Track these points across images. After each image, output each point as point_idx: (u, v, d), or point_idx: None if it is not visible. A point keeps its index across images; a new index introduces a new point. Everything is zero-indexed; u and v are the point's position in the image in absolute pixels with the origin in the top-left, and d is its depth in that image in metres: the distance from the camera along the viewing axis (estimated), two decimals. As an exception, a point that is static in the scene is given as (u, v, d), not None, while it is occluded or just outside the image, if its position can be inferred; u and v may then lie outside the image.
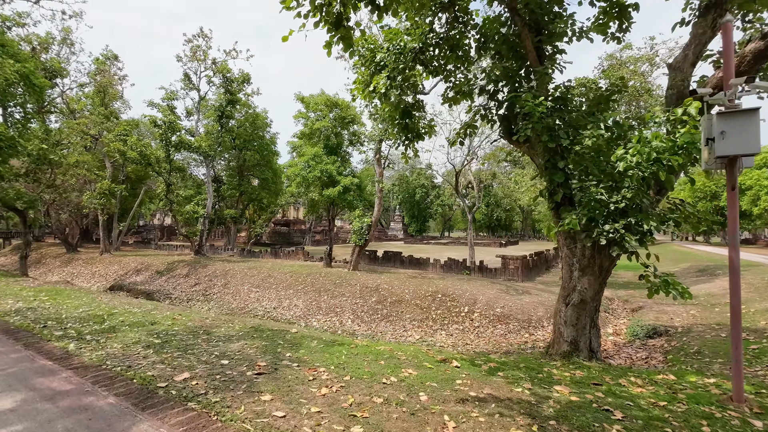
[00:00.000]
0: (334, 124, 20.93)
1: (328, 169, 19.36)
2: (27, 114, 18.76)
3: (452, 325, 12.81)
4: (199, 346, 5.72)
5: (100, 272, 27.53)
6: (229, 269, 22.02)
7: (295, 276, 19.00)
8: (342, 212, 22.39)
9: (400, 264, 23.28)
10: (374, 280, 16.90)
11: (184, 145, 25.59)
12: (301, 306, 16.10)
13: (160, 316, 7.88)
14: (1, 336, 5.93)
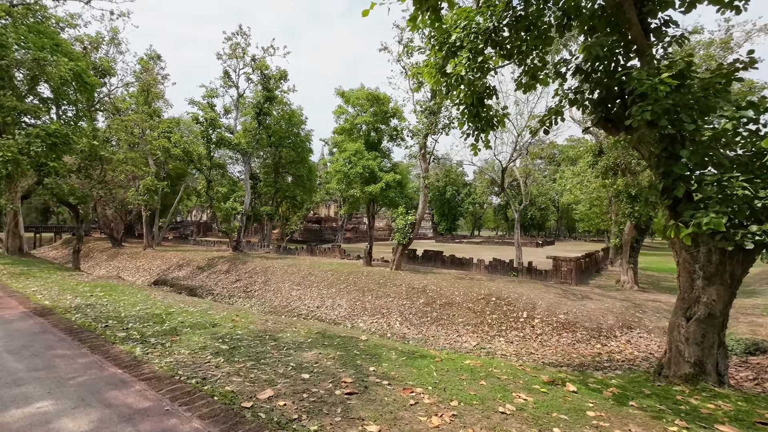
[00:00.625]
0: (375, 119, 20.32)
1: (369, 165, 18.78)
2: (79, 112, 19.22)
3: (511, 332, 11.90)
4: (270, 354, 5.19)
5: (143, 267, 28.25)
6: (269, 266, 21.91)
7: (336, 274, 18.57)
8: (381, 209, 21.78)
9: (441, 264, 22.45)
10: (420, 280, 16.19)
11: (224, 142, 25.74)
12: (345, 306, 15.61)
13: (219, 317, 7.48)
14: (65, 336, 5.63)
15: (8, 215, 18.92)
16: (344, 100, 22.24)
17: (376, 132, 21.15)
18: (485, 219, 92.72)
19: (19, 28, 16.99)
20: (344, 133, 21.37)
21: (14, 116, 15.66)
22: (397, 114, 20.75)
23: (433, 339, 12.18)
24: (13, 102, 15.30)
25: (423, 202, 17.85)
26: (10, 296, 8.70)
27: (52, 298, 8.57)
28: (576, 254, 23.97)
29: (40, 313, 7.06)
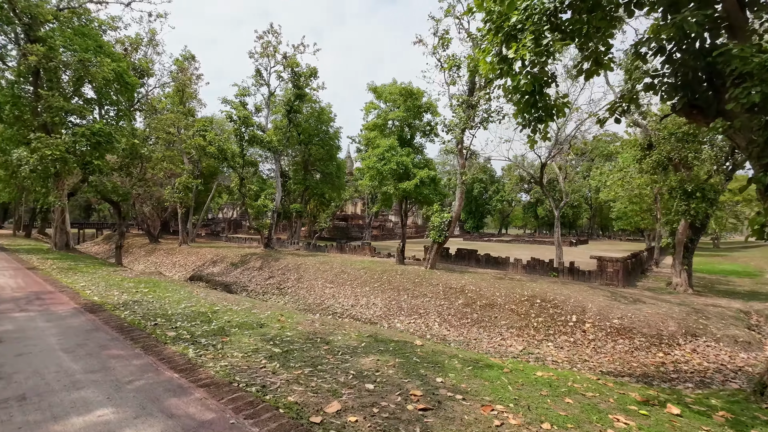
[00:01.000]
0: (408, 114, 19.85)
1: (403, 162, 18.35)
2: (120, 112, 19.75)
3: (559, 336, 11.22)
4: (325, 360, 4.88)
5: (180, 262, 29.00)
6: (301, 263, 21.91)
7: (369, 273, 18.29)
8: (414, 207, 21.33)
9: (476, 263, 21.78)
10: (457, 280, 15.65)
11: (256, 140, 25.95)
12: (380, 305, 15.29)
13: (264, 317, 7.28)
14: (117, 335, 5.52)
15: (56, 212, 19.70)
16: (376, 95, 21.90)
17: (409, 128, 20.70)
18: (513, 217, 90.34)
19: (66, 32, 17.57)
20: (376, 129, 21.02)
21: (61, 116, 16.19)
22: (431, 109, 20.21)
23: (475, 342, 11.66)
24: (60, 102, 15.81)
25: (459, 199, 17.27)
26: (61, 291, 8.84)
27: (101, 294, 8.64)
28: (615, 254, 22.74)
29: (91, 310, 7.06)
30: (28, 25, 16.45)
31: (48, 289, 9.02)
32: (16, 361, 4.43)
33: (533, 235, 73.98)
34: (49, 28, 17.25)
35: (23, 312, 6.77)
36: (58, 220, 19.82)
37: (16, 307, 7.17)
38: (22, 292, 8.68)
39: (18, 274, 11.46)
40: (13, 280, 10.23)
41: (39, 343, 5.10)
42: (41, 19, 16.76)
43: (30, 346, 4.98)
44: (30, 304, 7.47)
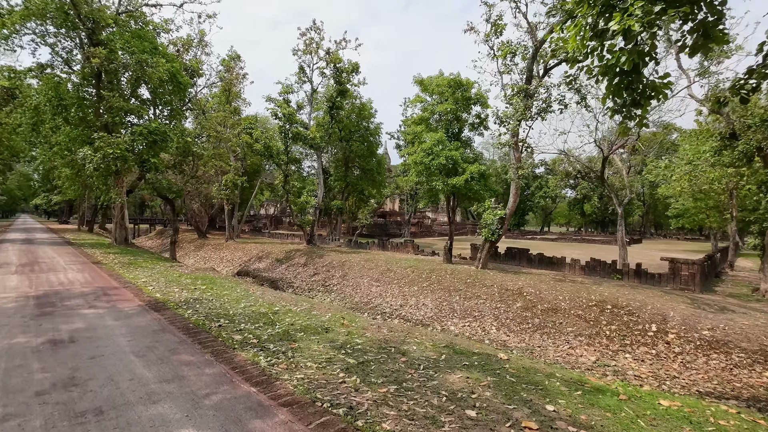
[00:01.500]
0: (457, 107, 18.99)
1: (452, 156, 17.56)
2: (173, 111, 20.32)
3: (638, 347, 10.10)
4: (408, 375, 4.34)
5: (227, 258, 29.83)
6: (345, 261, 21.70)
7: (416, 272, 17.70)
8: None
9: (527, 263, 20.59)
10: (513, 281, 14.72)
11: (300, 137, 26.03)
12: (431, 306, 14.67)
13: (326, 320, 6.89)
14: (184, 337, 5.28)
15: (116, 208, 20.66)
16: (422, 88, 21.19)
17: (457, 121, 19.83)
18: (555, 214, 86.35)
19: (124, 35, 18.24)
20: (422, 123, 20.32)
21: (121, 116, 16.80)
22: (480, 100, 19.24)
23: (540, 350, 10.77)
24: (120, 103, 16.37)
25: (514, 196, 16.24)
26: (125, 287, 8.95)
27: (162, 291, 8.64)
28: (676, 254, 20.74)
29: (155, 308, 6.98)
30: (91, 30, 17.19)
31: (113, 285, 9.16)
32: (90, 365, 4.24)
33: (579, 233, 70.14)
34: (109, 32, 17.94)
35: (92, 309, 6.77)
36: (118, 216, 20.78)
37: (85, 303, 7.22)
38: (90, 287, 8.86)
39: (85, 268, 11.90)
40: (81, 275, 10.56)
41: (110, 344, 4.94)
42: (102, 23, 17.47)
43: (102, 347, 4.82)
44: (98, 300, 7.52)
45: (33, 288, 8.54)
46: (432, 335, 6.68)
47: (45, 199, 63.73)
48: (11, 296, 7.65)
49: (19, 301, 7.29)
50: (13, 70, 18.05)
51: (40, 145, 22.57)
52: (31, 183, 66.41)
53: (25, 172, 62.06)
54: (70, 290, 8.42)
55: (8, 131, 28.52)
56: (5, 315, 6.22)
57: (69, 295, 7.87)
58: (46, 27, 17.77)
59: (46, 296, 7.75)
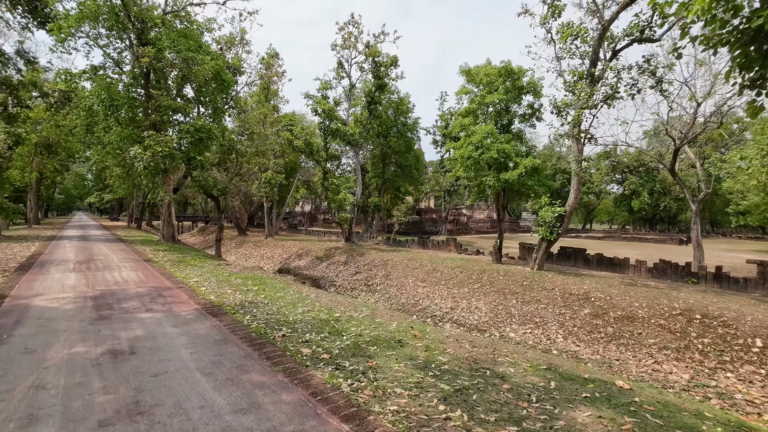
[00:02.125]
0: (508, 96, 17.78)
1: (505, 149, 16.42)
2: (217, 109, 20.38)
3: (741, 365, 8.73)
4: (523, 410, 3.54)
5: (267, 255, 30.05)
6: (387, 259, 21.06)
7: (465, 272, 16.76)
8: (514, 199, 19.25)
9: (584, 264, 19.08)
10: (576, 285, 13.48)
11: (339, 133, 25.62)
12: (485, 310, 13.71)
13: (394, 329, 6.19)
14: (250, 350, 4.73)
15: (164, 206, 21.04)
16: (468, 78, 20.11)
17: (507, 112, 18.61)
18: (598, 211, 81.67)
19: (171, 34, 18.39)
20: (469, 116, 19.25)
21: (169, 115, 16.90)
22: (534, 89, 17.91)
23: (618, 363, 9.60)
24: (168, 101, 16.45)
25: (576, 191, 14.90)
26: (178, 287, 8.67)
27: (215, 292, 8.28)
28: (743, 254, 18.45)
29: (212, 312, 6.55)
30: (140, 30, 17.42)
31: (166, 285, 8.93)
32: (154, 385, 3.74)
33: (626, 230, 66.00)
34: (157, 31, 18.13)
35: (149, 312, 6.43)
36: (165, 214, 21.17)
37: (141, 305, 6.92)
38: (144, 287, 8.65)
39: (137, 266, 11.89)
40: (135, 273, 10.48)
41: (172, 358, 4.46)
42: (150, 23, 17.65)
43: (164, 361, 4.34)
44: (153, 302, 7.22)
45: (90, 287, 8.42)
46: (524, 353, 5.80)
47: (98, 197, 67.63)
48: (70, 296, 7.50)
49: (77, 302, 7.10)
50: (69, 72, 18.66)
51: (94, 146, 23.46)
52: (85, 182, 70.66)
53: (80, 172, 66.04)
54: (125, 290, 8.22)
55: (65, 133, 30.08)
56: (65, 318, 5.97)
57: (125, 296, 7.63)
58: (98, 29, 18.21)
59: (103, 297, 7.55)
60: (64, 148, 34.02)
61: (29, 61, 22.47)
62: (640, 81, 13.09)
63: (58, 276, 9.74)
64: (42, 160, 32.64)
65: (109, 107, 17.79)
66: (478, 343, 5.89)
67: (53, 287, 8.33)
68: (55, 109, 24.64)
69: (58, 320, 5.83)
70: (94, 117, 19.00)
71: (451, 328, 13.37)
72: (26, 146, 28.41)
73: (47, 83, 25.81)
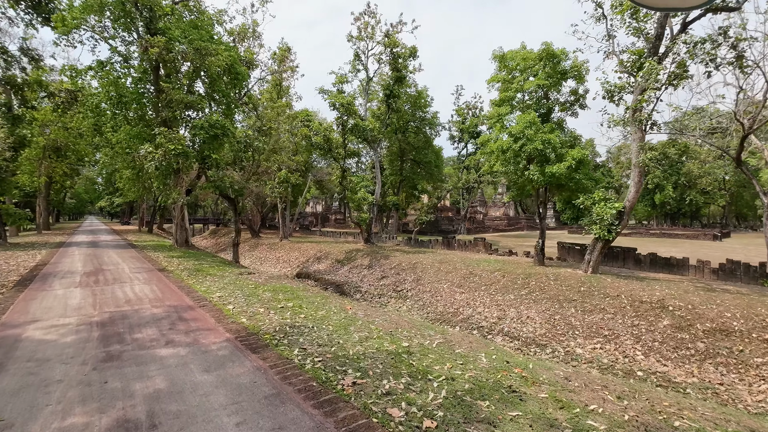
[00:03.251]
0: (549, 82, 16.13)
1: (550, 140, 14.80)
2: (230, 104, 19.04)
3: None
4: None
5: (283, 258, 28.71)
6: (416, 262, 19.55)
7: (507, 276, 15.19)
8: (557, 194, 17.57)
9: (635, 264, 17.39)
10: (646, 291, 11.83)
11: (358, 129, 24.17)
12: (538, 320, 12.13)
13: (488, 365, 4.69)
14: (321, 419, 3.27)
15: (176, 209, 19.77)
16: (501, 65, 18.45)
17: (546, 99, 16.98)
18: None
19: (181, 24, 17.07)
20: (504, 104, 17.63)
21: (181, 110, 15.59)
22: (577, 74, 16.25)
23: (724, 389, 7.99)
24: (180, 95, 15.14)
25: (637, 185, 13.21)
26: (201, 306, 7.27)
27: (245, 312, 6.86)
28: None
29: (249, 343, 5.11)
30: (149, 19, 16.14)
31: (187, 303, 7.53)
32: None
33: (649, 226, 63.47)
34: (166, 20, 16.82)
35: (170, 347, 5.01)
36: (178, 218, 19.91)
37: (159, 335, 5.51)
38: (161, 306, 7.26)
39: (152, 278, 10.55)
40: (149, 288, 9.12)
41: (209, 430, 3.01)
42: (159, 12, 16.34)
43: (201, 442, 2.89)
44: (174, 328, 5.81)
45: (97, 309, 7.06)
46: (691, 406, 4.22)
47: (108, 201, 67.14)
48: (72, 323, 6.13)
49: (81, 331, 5.71)
50: (75, 68, 17.44)
51: (102, 148, 22.28)
52: (95, 186, 70.26)
53: (91, 176, 65.58)
54: (139, 312, 6.83)
55: (74, 135, 29.04)
56: (63, 359, 4.57)
57: (139, 321, 6.24)
58: (104, 21, 16.96)
59: (112, 322, 6.17)
60: (74, 151, 33.06)
61: (33, 59, 21.37)
62: (717, 56, 11.40)
63: (61, 293, 8.41)
64: (51, 163, 31.70)
65: (117, 104, 16.55)
66: (621, 391, 4.34)
67: (54, 309, 6.99)
68: (62, 110, 23.54)
69: (53, 363, 4.43)
70: (101, 116, 17.77)
71: (504, 342, 11.85)
72: (34, 149, 27.43)
73: (53, 83, 24.75)
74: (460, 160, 42.18)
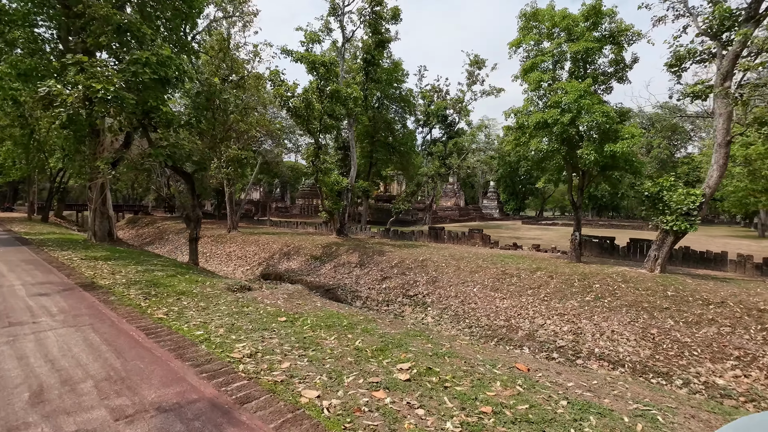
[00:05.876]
0: (596, 46, 13.60)
1: (609, 113, 12.29)
2: (181, 42, 13.65)
3: None
4: None
5: (236, 254, 23.33)
6: (424, 259, 16.16)
7: (556, 277, 12.52)
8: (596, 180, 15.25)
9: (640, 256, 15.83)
10: (752, 295, 9.82)
11: (338, 96, 19.80)
12: (630, 336, 9.52)
13: None
14: None
15: (93, 189, 13.89)
16: (523, 26, 15.57)
17: (586, 65, 14.51)
18: (557, 198, 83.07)
19: None
20: (533, 72, 14.78)
21: (110, 35, 10.11)
22: (624, 35, 13.92)
23: None
24: (109, 10, 9.76)
25: (721, 166, 11.14)
26: (242, 402, 3.05)
27: (342, 412, 2.85)
28: None
29: None
30: None
31: (205, 396, 3.24)
32: None
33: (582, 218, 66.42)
34: None
35: None
36: (96, 201, 14.02)
37: None
38: (138, 415, 2.91)
39: (78, 309, 5.67)
40: (81, 342, 4.43)
41: None
42: None
43: None
44: None
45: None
46: None
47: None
48: None
49: None
50: None
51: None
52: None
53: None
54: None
55: None
56: None
57: None
58: None
59: None
60: None
61: None
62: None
63: None
64: None
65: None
66: None
67: None
68: None
69: None
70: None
71: (604, 368, 9.08)
72: None
73: None
74: (425, 146, 39.46)
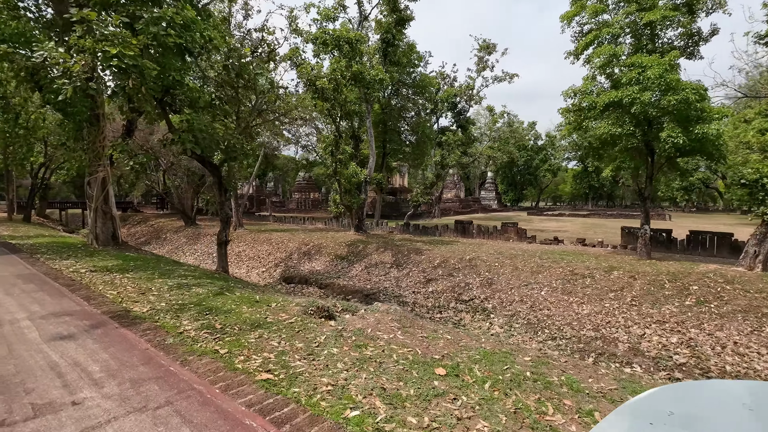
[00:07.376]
0: (673, 14, 11.98)
1: (699, 90, 10.75)
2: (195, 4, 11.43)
3: None
4: None
5: (247, 254, 21.27)
6: (471, 258, 14.51)
7: (640, 278, 11.02)
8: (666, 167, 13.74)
9: (702, 250, 14.59)
10: None
11: (361, 77, 17.81)
12: (764, 351, 8.06)
13: None
14: None
15: (93, 185, 11.71)
16: None
17: (653, 37, 12.89)
18: (551, 188, 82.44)
19: None
20: (593, 44, 13.09)
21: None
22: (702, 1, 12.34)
23: None
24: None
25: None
26: None
27: None
28: None
29: None
30: None
31: None
32: None
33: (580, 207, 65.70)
34: None
35: None
36: (98, 199, 11.83)
37: None
38: None
39: (131, 370, 3.74)
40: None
41: None
42: None
43: None
44: None
45: None
46: None
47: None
48: None
49: None
50: None
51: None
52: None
53: None
54: None
55: None
56: None
57: None
58: None
59: None
60: None
61: None
62: None
63: None
64: None
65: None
66: None
67: None
68: None
69: None
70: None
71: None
72: None
73: None
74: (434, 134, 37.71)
